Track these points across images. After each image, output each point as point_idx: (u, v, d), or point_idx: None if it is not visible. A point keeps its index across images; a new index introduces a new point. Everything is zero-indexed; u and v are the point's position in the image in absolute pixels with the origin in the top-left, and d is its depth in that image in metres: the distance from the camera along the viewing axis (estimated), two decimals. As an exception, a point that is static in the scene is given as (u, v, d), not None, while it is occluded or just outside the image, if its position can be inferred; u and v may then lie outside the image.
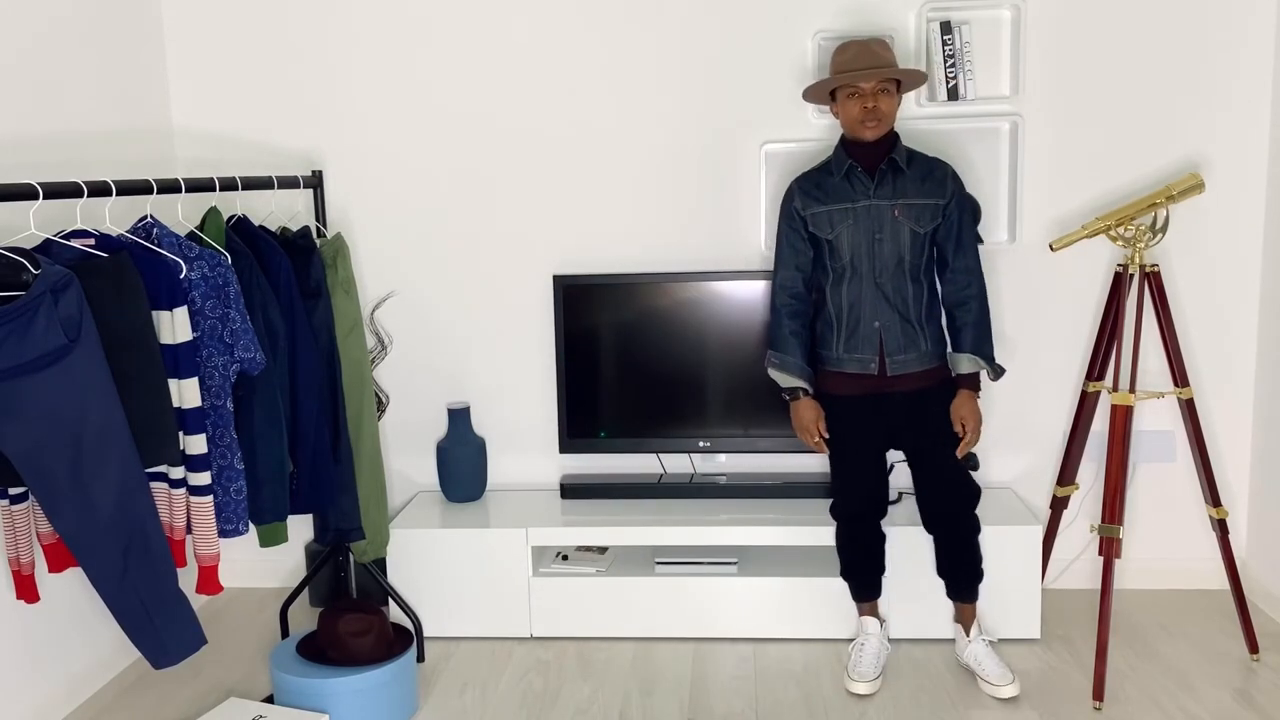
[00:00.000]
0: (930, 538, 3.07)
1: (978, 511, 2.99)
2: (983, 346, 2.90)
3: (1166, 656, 3.14)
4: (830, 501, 3.13)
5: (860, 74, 2.76)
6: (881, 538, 3.10)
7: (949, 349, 2.95)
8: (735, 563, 3.35)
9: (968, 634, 3.04)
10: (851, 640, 3.20)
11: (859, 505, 3.04)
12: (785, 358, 2.96)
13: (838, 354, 2.92)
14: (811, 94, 2.95)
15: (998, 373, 2.93)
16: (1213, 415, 3.53)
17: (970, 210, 2.94)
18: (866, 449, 2.99)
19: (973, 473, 3.47)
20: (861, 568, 3.10)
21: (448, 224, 3.62)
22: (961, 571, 3.03)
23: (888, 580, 3.22)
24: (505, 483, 3.74)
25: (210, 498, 2.57)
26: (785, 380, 2.96)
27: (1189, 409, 3.03)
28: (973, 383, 2.91)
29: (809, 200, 2.90)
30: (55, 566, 2.62)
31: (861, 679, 2.97)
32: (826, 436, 2.95)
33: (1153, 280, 3.01)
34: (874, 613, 3.13)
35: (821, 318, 2.96)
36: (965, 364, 2.89)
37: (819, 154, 3.47)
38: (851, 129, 2.85)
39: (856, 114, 2.80)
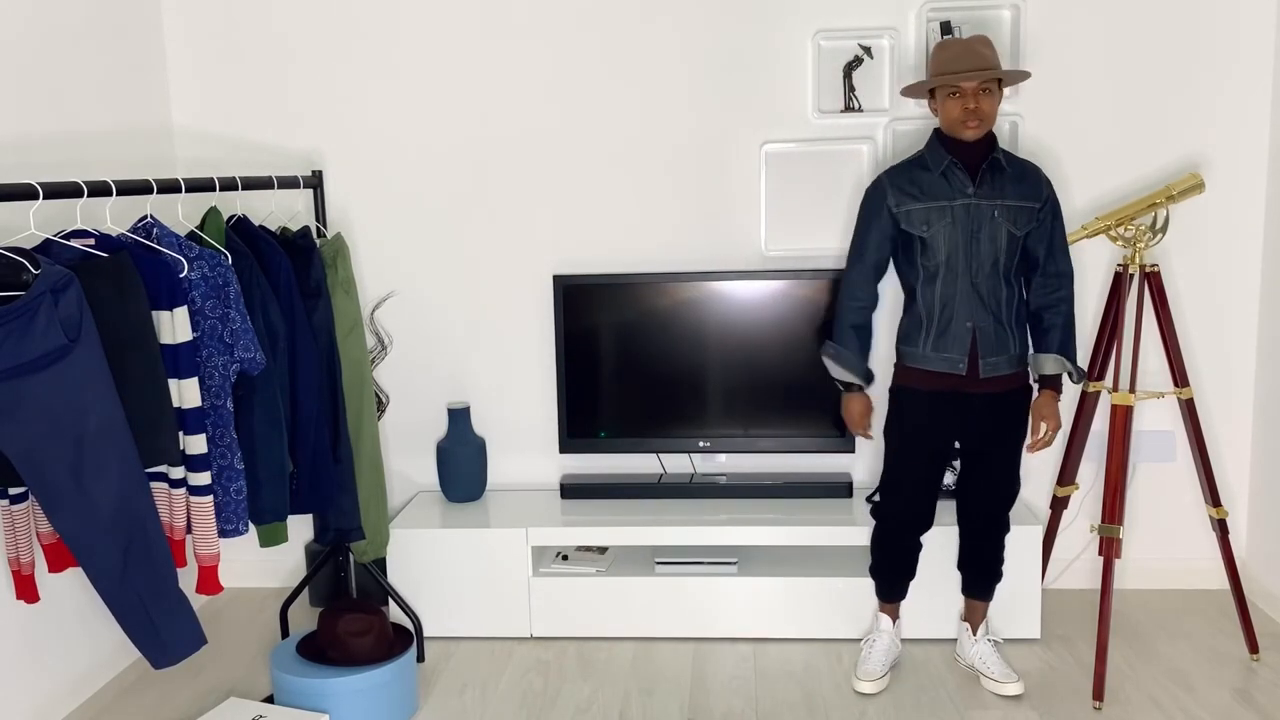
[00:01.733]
0: (955, 534, 3.07)
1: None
2: (1068, 348, 2.88)
3: (1166, 656, 3.14)
4: (873, 500, 3.12)
5: (963, 75, 2.72)
6: (919, 546, 3.06)
7: (1031, 350, 2.92)
8: (735, 563, 3.35)
9: (974, 633, 3.05)
10: (861, 639, 3.21)
11: (907, 514, 2.99)
12: (843, 351, 2.95)
13: (924, 351, 2.87)
14: (911, 91, 2.92)
15: (1080, 375, 2.91)
16: (1213, 415, 3.53)
17: (1061, 215, 2.91)
18: (933, 451, 2.95)
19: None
20: (893, 572, 3.07)
21: (448, 224, 3.62)
22: (986, 569, 3.05)
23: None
24: (505, 483, 3.74)
25: (210, 498, 2.57)
26: (839, 373, 2.97)
27: (1189, 409, 3.03)
28: (1056, 384, 2.90)
29: (903, 196, 2.83)
30: (55, 566, 2.62)
31: (867, 677, 2.98)
32: (870, 434, 3.00)
33: (1153, 280, 3.01)
34: (894, 613, 3.12)
35: (909, 315, 2.92)
36: (1050, 365, 2.87)
37: (819, 154, 3.48)
38: (951, 128, 2.78)
39: (958, 114, 2.75)
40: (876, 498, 3.10)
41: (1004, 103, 3.37)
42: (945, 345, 2.84)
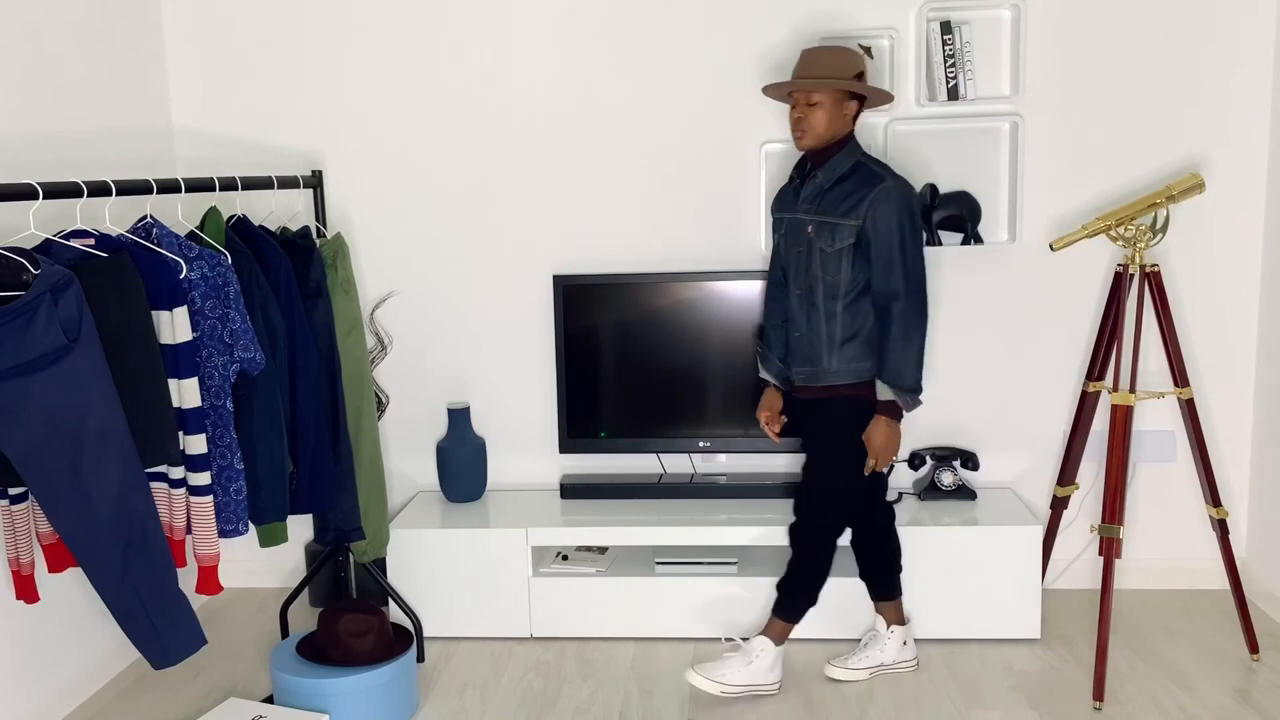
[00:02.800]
0: (950, 534, 3.08)
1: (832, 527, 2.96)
2: (893, 374, 2.73)
3: (1166, 656, 3.14)
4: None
5: (784, 85, 2.78)
6: (879, 538, 3.07)
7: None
8: (735, 563, 3.35)
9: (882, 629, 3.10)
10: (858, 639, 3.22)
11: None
12: (763, 349, 3.10)
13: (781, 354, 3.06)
14: (769, 93, 2.94)
15: (910, 405, 2.77)
16: (1213, 415, 3.53)
17: (900, 233, 2.70)
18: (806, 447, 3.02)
19: (972, 472, 3.48)
20: (862, 569, 3.11)
21: (448, 224, 3.62)
22: (783, 586, 2.98)
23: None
24: (505, 483, 3.74)
25: (210, 498, 2.57)
26: (760, 370, 3.11)
27: (1189, 409, 3.03)
28: (889, 409, 2.76)
29: (775, 203, 2.99)
30: (55, 567, 2.62)
31: (839, 664, 3.07)
32: (776, 428, 3.07)
33: (1153, 280, 3.01)
34: (888, 615, 3.10)
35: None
36: (880, 390, 2.77)
37: (819, 154, 3.48)
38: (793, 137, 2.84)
39: (791, 123, 2.79)
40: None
41: (1004, 102, 3.39)
42: (780, 350, 3.05)
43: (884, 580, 3.09)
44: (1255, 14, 3.34)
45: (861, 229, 2.71)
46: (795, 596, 2.95)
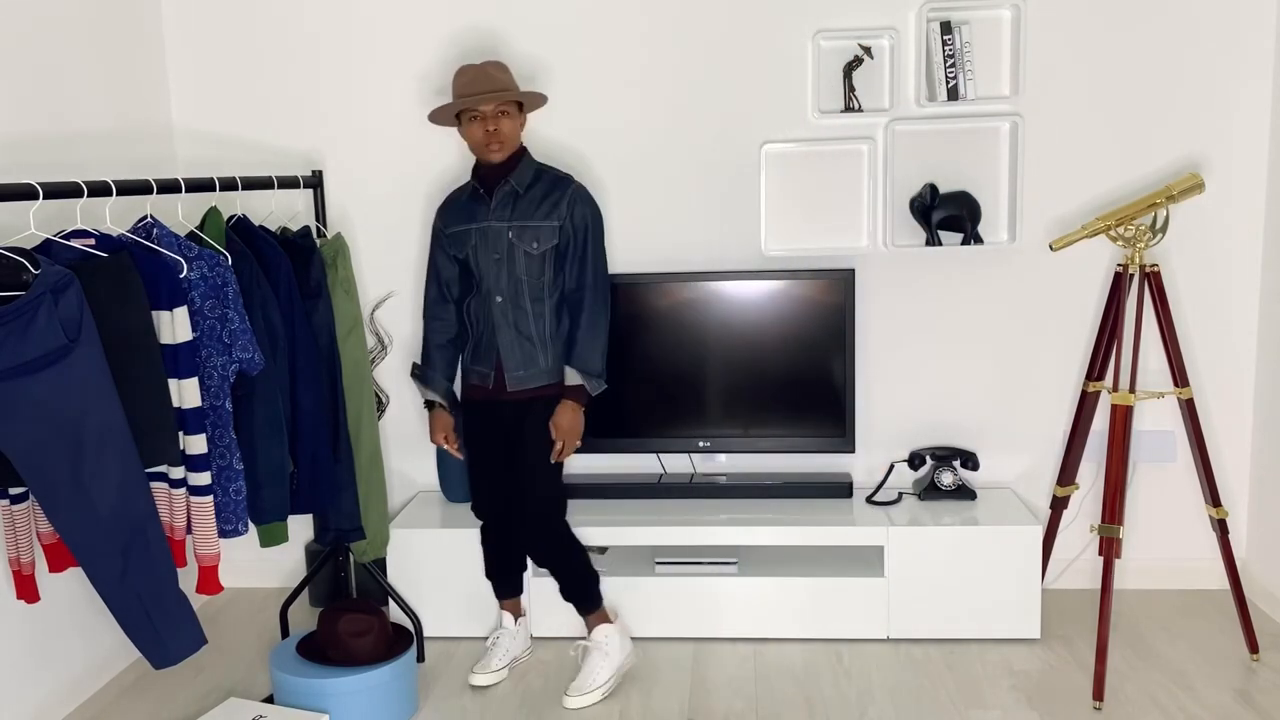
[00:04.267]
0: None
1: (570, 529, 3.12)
2: (584, 360, 2.94)
3: (1166, 656, 3.14)
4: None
5: (479, 98, 2.83)
6: (506, 546, 3.17)
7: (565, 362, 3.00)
8: (735, 563, 3.35)
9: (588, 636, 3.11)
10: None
11: (485, 506, 3.15)
12: (426, 371, 3.10)
13: (466, 364, 3.07)
14: (438, 117, 3.00)
15: (597, 388, 2.98)
16: (1213, 415, 3.53)
17: (593, 229, 2.96)
18: (487, 455, 3.07)
19: (972, 472, 3.48)
20: (497, 570, 3.21)
21: (448, 224, 3.61)
22: (564, 590, 3.10)
23: (893, 580, 3.23)
24: (505, 483, 3.74)
25: (210, 498, 2.57)
26: (423, 392, 3.10)
27: (1189, 409, 3.03)
28: (575, 394, 2.96)
29: (449, 220, 3.01)
30: (55, 566, 2.62)
31: (482, 670, 3.08)
32: (455, 444, 3.10)
33: (1153, 280, 3.01)
34: (512, 609, 3.22)
35: (459, 330, 3.08)
36: (569, 376, 2.96)
37: (819, 154, 3.48)
38: (477, 151, 2.92)
39: (480, 137, 2.87)
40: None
41: (1004, 102, 3.39)
42: (479, 359, 3.01)
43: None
44: (1255, 14, 3.34)
45: (561, 229, 2.91)
46: (587, 586, 3.10)
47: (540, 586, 3.32)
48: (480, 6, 3.50)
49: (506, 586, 3.22)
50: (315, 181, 3.27)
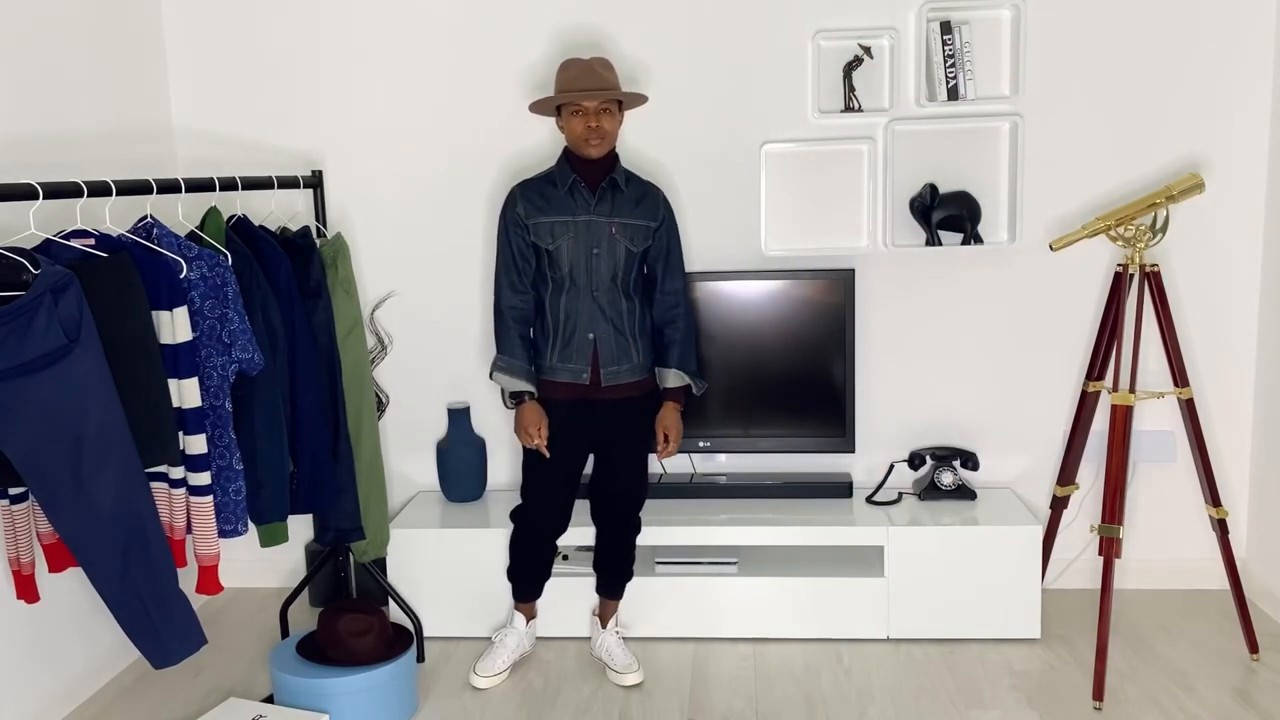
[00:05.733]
0: (948, 534, 3.07)
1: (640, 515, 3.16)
2: (688, 362, 3.02)
3: (1166, 656, 3.14)
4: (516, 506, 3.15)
5: (584, 94, 2.83)
6: (555, 549, 3.15)
7: (657, 364, 3.03)
8: (735, 563, 3.35)
9: (604, 626, 3.15)
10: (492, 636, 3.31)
11: (544, 518, 3.07)
12: (513, 361, 2.95)
13: (551, 362, 2.96)
14: (538, 108, 2.99)
15: (701, 387, 3.06)
16: (1213, 415, 3.53)
17: (678, 236, 3.03)
18: (568, 456, 3.01)
19: (972, 472, 3.49)
20: (531, 576, 3.17)
21: (448, 224, 3.62)
22: (617, 568, 3.17)
23: (893, 580, 3.23)
24: (505, 483, 3.74)
25: (210, 498, 2.57)
26: (513, 384, 2.94)
27: (1189, 409, 3.03)
28: (678, 396, 3.03)
29: (532, 209, 2.93)
30: (55, 566, 2.62)
31: (486, 674, 3.08)
32: (546, 442, 2.95)
33: (1153, 280, 3.01)
34: (530, 613, 3.22)
35: (539, 327, 3.00)
36: (672, 379, 3.01)
37: (819, 154, 3.48)
38: (576, 145, 2.90)
39: (581, 131, 2.85)
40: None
41: (1004, 102, 3.39)
42: (569, 356, 2.94)
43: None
44: (1255, 14, 3.34)
45: (656, 231, 2.96)
46: (630, 576, 3.19)
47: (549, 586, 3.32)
48: (480, 7, 3.50)
49: (535, 589, 3.19)
50: (315, 181, 3.27)
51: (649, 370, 3.01)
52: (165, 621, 2.34)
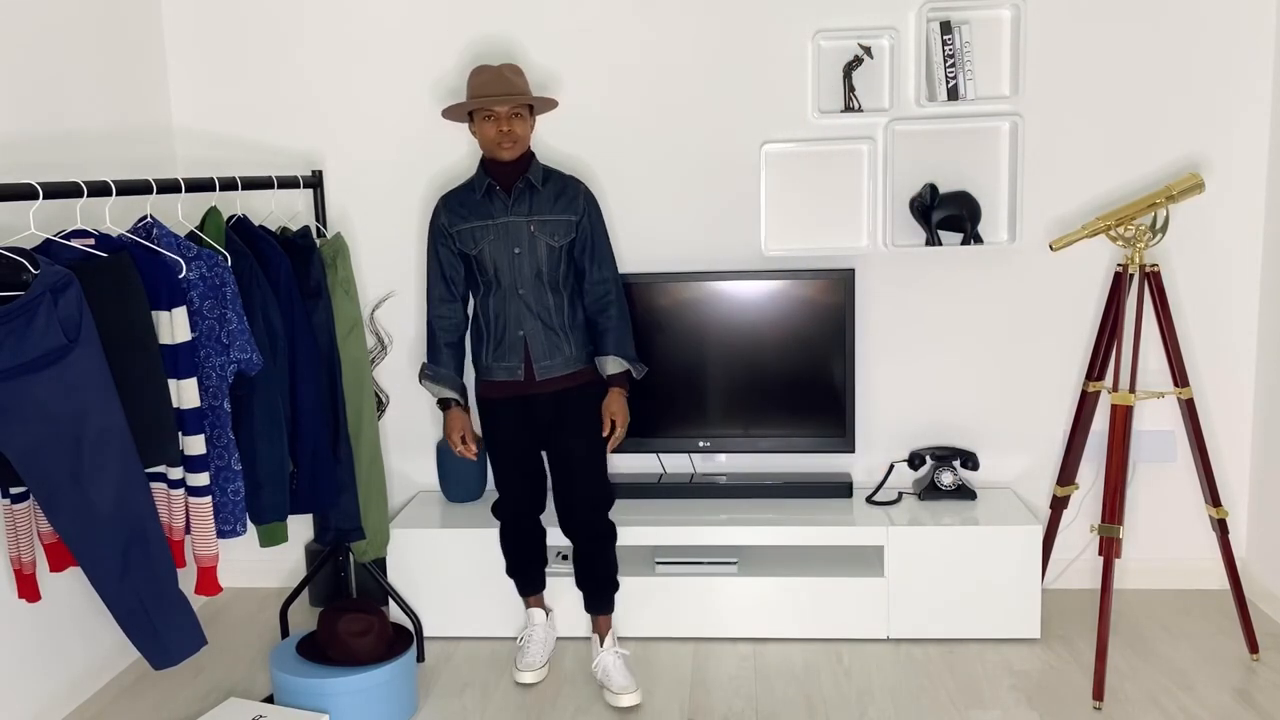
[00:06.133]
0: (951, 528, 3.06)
1: (611, 517, 3.12)
2: (624, 348, 3.04)
3: (1166, 656, 3.14)
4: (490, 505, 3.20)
5: (494, 99, 2.86)
6: (542, 533, 3.19)
7: (596, 354, 3.05)
8: (735, 563, 3.35)
9: (601, 644, 3.09)
10: (518, 636, 3.21)
11: (516, 505, 3.12)
12: (439, 370, 3.05)
13: (487, 362, 3.01)
14: (450, 114, 3.02)
15: (640, 371, 3.09)
16: (1213, 415, 3.53)
17: (602, 225, 3.04)
18: (518, 450, 3.07)
19: (972, 472, 3.48)
20: (523, 565, 3.19)
21: (448, 224, 3.62)
22: (596, 580, 3.11)
23: (893, 580, 3.23)
24: (505, 483, 3.74)
25: (209, 498, 2.57)
26: (438, 391, 3.04)
27: (1189, 409, 3.03)
28: (621, 382, 3.04)
29: (455, 217, 2.98)
30: (56, 566, 2.62)
31: (528, 668, 3.09)
32: (473, 446, 3.05)
33: (1153, 280, 3.01)
34: (540, 604, 3.24)
35: (473, 331, 3.06)
36: (611, 365, 3.03)
37: (819, 154, 3.48)
38: (489, 150, 2.93)
39: (493, 136, 2.88)
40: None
41: (1004, 102, 3.39)
42: (503, 355, 2.98)
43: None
44: (1255, 14, 3.33)
45: (578, 224, 2.98)
46: (614, 581, 3.13)
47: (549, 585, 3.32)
48: (481, 7, 3.50)
49: (534, 582, 3.22)
50: (315, 181, 3.27)
51: (585, 361, 3.03)
52: (165, 622, 2.34)
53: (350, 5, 3.53)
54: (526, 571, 3.20)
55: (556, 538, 3.31)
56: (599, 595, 3.12)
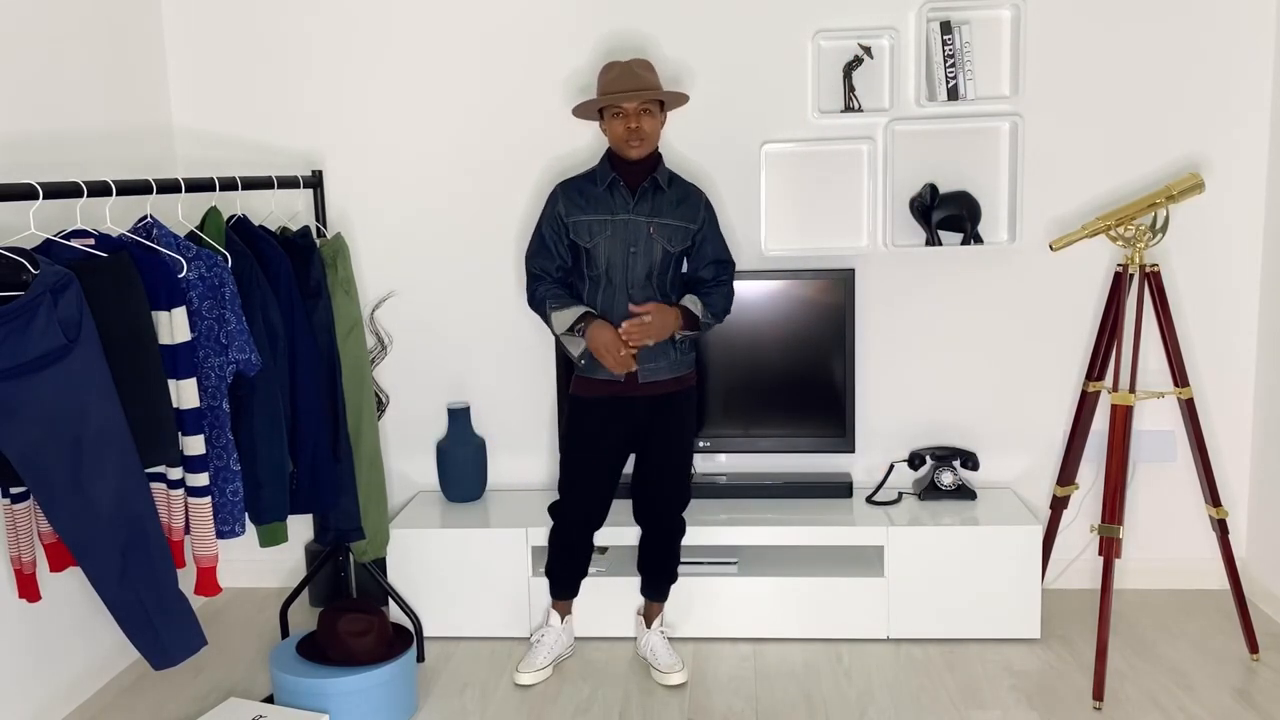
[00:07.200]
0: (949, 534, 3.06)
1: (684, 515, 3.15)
2: (713, 305, 2.99)
3: (1166, 656, 3.14)
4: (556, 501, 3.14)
5: (624, 95, 2.84)
6: (591, 545, 3.15)
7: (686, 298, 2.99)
8: (735, 563, 3.35)
9: (648, 626, 3.15)
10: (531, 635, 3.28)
11: (585, 511, 3.07)
12: (561, 297, 2.92)
13: (590, 362, 2.94)
14: (580, 111, 3.01)
15: (707, 324, 2.99)
16: (1213, 415, 3.53)
17: (720, 235, 3.05)
18: (606, 453, 3.03)
19: (972, 472, 3.48)
20: (568, 571, 3.16)
21: (447, 224, 3.62)
22: (662, 570, 3.16)
23: (893, 580, 3.23)
24: (505, 483, 3.74)
25: (208, 499, 2.57)
26: (570, 315, 2.88)
27: (1189, 409, 3.03)
28: (686, 316, 2.94)
29: (572, 207, 2.95)
30: (56, 565, 2.62)
31: (528, 669, 3.09)
32: (635, 352, 2.89)
33: (1153, 280, 3.01)
34: (566, 611, 3.23)
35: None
36: (689, 301, 2.96)
37: (819, 154, 3.49)
38: (617, 147, 2.92)
39: (621, 133, 2.87)
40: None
41: (1004, 102, 3.39)
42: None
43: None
44: (1255, 14, 3.33)
45: (696, 233, 2.98)
46: (674, 579, 3.18)
47: (541, 586, 3.32)
48: (480, 7, 3.50)
49: (571, 589, 3.19)
50: (315, 181, 3.27)
51: (688, 367, 3.02)
52: (165, 622, 2.34)
53: (350, 5, 3.53)
54: (568, 577, 3.16)
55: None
56: (659, 583, 3.17)
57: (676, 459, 3.05)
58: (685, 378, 3.02)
